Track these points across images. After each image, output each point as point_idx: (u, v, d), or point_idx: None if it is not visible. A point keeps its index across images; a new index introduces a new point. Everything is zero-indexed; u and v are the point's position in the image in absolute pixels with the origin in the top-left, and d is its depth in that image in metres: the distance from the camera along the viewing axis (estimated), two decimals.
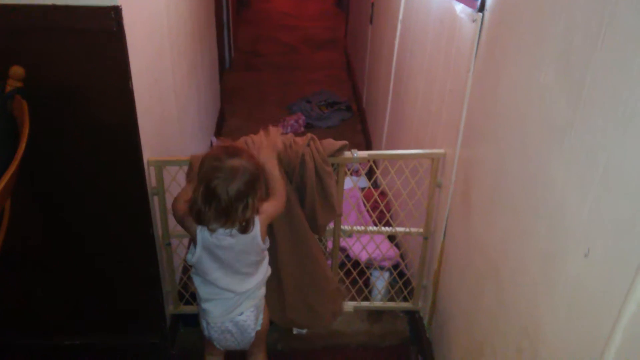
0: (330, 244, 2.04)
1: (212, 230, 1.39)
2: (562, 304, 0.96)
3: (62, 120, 1.52)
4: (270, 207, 1.51)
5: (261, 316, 1.58)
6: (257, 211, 1.41)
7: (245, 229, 1.40)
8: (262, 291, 1.58)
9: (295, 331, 1.81)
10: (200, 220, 1.38)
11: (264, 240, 1.48)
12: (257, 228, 1.43)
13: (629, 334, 0.76)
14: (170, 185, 1.77)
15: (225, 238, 1.40)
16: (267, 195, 1.53)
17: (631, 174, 0.76)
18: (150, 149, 1.71)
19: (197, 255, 1.44)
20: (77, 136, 1.55)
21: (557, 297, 0.97)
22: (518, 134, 1.18)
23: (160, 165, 1.71)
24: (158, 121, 1.88)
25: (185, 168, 1.84)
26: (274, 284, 1.76)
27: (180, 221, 1.49)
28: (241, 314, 1.52)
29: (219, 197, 1.32)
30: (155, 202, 1.76)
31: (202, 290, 1.51)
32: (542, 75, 1.05)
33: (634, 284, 0.75)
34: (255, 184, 1.37)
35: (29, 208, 1.65)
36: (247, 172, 1.34)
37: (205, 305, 1.52)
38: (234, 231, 1.40)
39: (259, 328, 1.57)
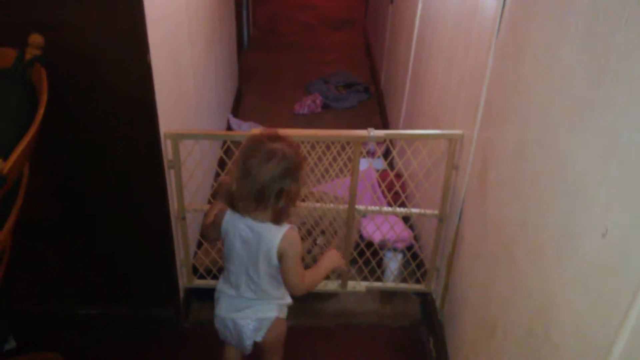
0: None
1: (242, 214, 1.35)
2: (577, 285, 0.94)
3: (80, 90, 1.53)
4: (297, 265, 1.39)
5: (264, 331, 1.48)
6: (287, 212, 1.33)
7: (276, 219, 1.33)
8: (274, 313, 1.48)
9: None
10: (232, 203, 1.34)
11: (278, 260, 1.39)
12: (277, 240, 1.35)
13: None
14: (186, 159, 1.78)
15: (246, 229, 1.36)
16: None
17: None
18: (167, 123, 1.71)
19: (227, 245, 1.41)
20: (94, 106, 1.56)
21: (572, 279, 0.96)
22: (539, 113, 1.16)
23: (177, 139, 1.71)
24: (175, 95, 1.88)
25: (202, 142, 1.85)
26: None
27: (205, 233, 1.51)
28: (242, 318, 1.47)
29: (253, 178, 1.27)
30: (171, 175, 1.77)
31: (220, 281, 1.50)
32: (565, 53, 1.03)
33: None
34: (293, 173, 1.29)
35: (45, 178, 1.67)
36: (286, 158, 1.27)
37: (217, 295, 1.51)
38: (257, 224, 1.35)
39: (258, 340, 1.49)
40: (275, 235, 1.35)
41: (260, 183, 1.27)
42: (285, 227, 1.36)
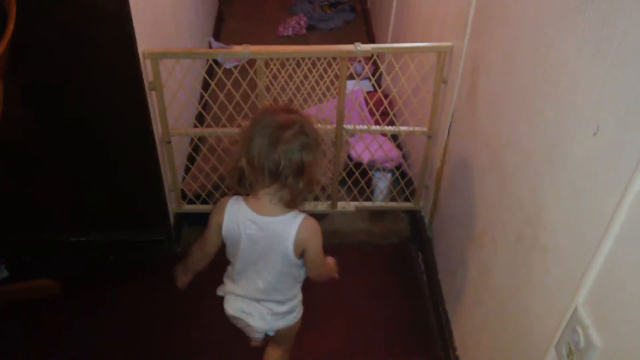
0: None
1: (251, 193, 1.19)
2: (567, 186, 0.94)
3: (50, 6, 1.44)
4: (321, 255, 1.26)
5: (280, 324, 1.36)
6: (305, 195, 1.18)
7: (291, 202, 1.17)
8: (291, 318, 1.36)
9: None
10: (241, 180, 1.18)
11: (297, 256, 1.23)
12: (293, 234, 1.19)
13: (635, 210, 0.75)
14: (167, 80, 1.72)
15: (254, 227, 1.19)
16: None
17: None
18: (146, 41, 1.64)
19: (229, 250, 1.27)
20: (66, 23, 1.48)
21: (562, 180, 0.96)
22: (530, 17, 1.12)
23: (157, 58, 1.65)
24: (152, 12, 1.79)
25: (184, 61, 1.78)
26: None
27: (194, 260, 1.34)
28: (253, 319, 1.33)
29: (270, 147, 1.10)
30: (153, 97, 1.72)
31: (226, 278, 1.36)
32: None
33: None
34: (312, 148, 1.13)
35: (22, 102, 1.61)
36: (305, 130, 1.13)
37: (224, 294, 1.36)
38: (266, 221, 1.19)
39: (271, 334, 1.37)
40: (290, 228, 1.19)
41: (278, 153, 1.10)
42: (300, 217, 1.20)
